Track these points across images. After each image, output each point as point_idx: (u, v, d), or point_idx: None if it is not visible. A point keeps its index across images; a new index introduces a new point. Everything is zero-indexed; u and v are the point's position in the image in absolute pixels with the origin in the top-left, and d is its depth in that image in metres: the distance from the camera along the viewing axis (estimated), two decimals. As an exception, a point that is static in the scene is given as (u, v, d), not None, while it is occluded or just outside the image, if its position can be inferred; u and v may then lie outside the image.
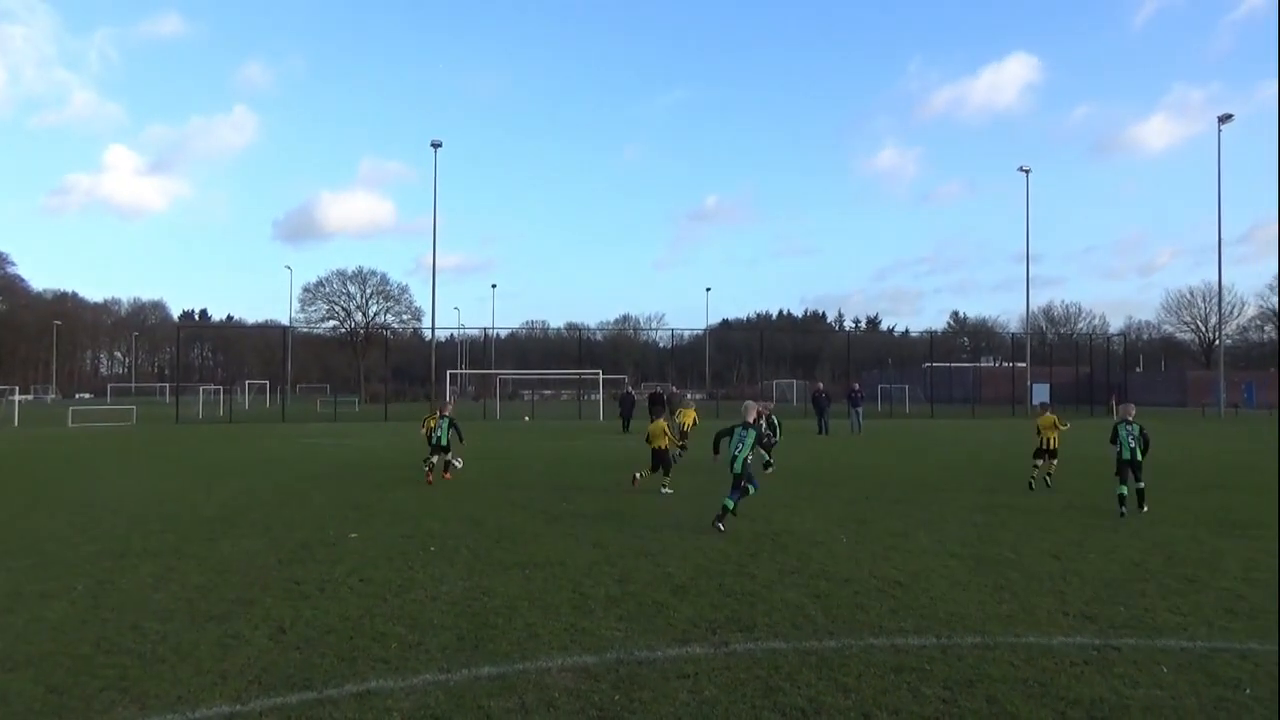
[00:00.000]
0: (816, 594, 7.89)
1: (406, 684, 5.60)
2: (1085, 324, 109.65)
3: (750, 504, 13.60)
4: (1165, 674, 5.75)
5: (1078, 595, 7.90)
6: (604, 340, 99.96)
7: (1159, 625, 6.95)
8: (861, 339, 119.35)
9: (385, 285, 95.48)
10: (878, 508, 13.38)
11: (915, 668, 5.87)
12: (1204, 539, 10.75)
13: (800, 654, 6.18)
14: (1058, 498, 14.56)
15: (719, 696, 5.36)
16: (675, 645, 6.40)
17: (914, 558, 9.56)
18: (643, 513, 12.70)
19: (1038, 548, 10.13)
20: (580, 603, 7.60)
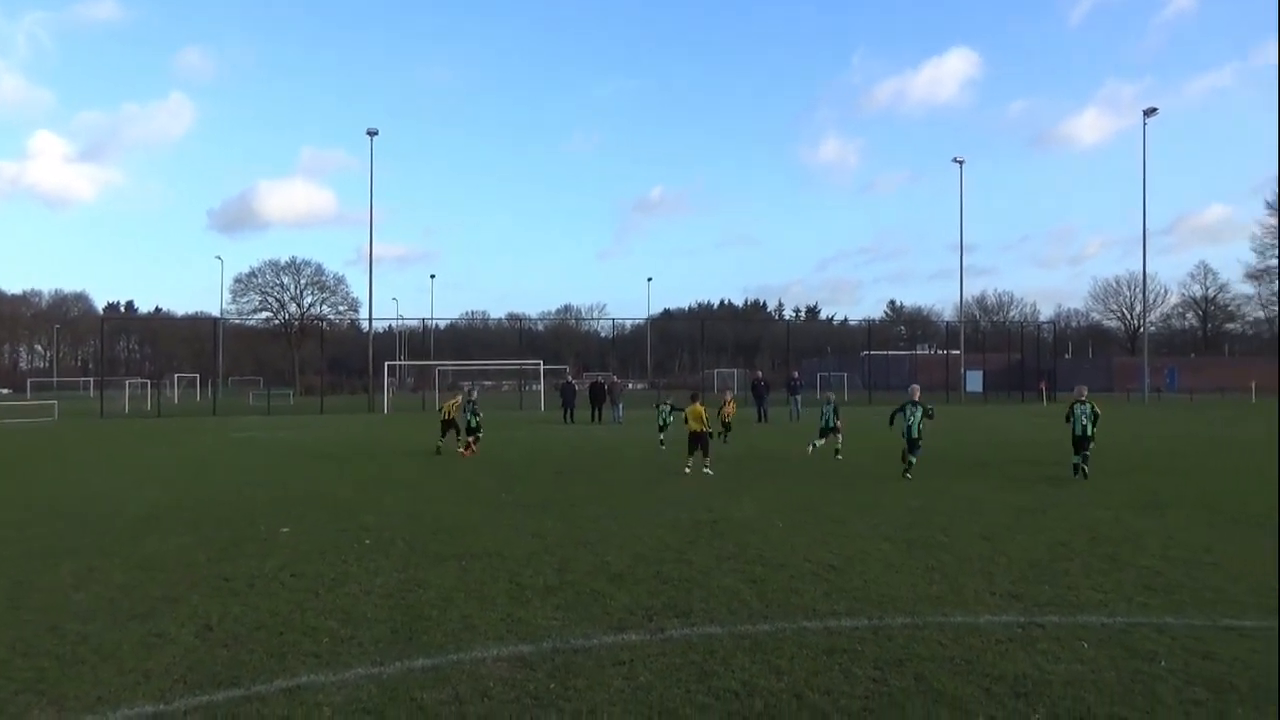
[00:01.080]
0: (752, 579, 7.97)
1: (338, 678, 5.51)
2: (1017, 312, 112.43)
3: (689, 492, 13.71)
4: (1086, 649, 5.94)
5: (1005, 575, 8.10)
6: (545, 331, 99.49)
7: (1081, 603, 7.17)
8: (801, 328, 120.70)
9: (320, 276, 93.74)
10: (815, 493, 13.56)
11: (847, 649, 5.97)
12: (1126, 519, 11.11)
13: (735, 638, 6.23)
14: (988, 481, 14.93)
15: (653, 682, 5.38)
16: (611, 633, 6.41)
17: (849, 542, 9.71)
18: (582, 502, 12.67)
19: (968, 530, 10.37)
20: (517, 593, 7.56)
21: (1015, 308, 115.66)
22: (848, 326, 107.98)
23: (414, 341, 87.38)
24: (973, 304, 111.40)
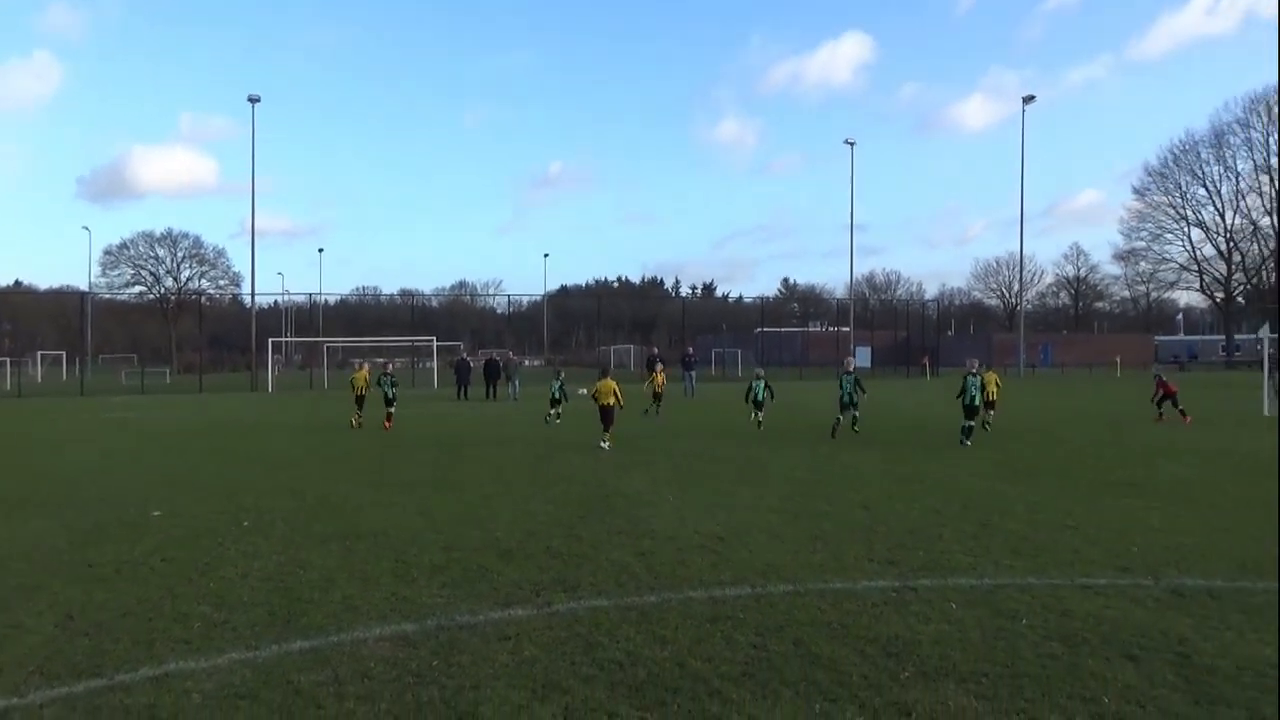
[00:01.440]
0: (641, 552, 8.05)
1: (209, 664, 5.31)
2: (904, 290, 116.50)
3: (581, 468, 13.73)
4: (954, 610, 6.22)
5: (883, 542, 8.40)
6: (440, 307, 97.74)
7: (952, 566, 7.51)
8: (697, 305, 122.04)
9: (199, 248, 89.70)
10: (706, 467, 13.77)
11: (730, 616, 6.10)
12: (998, 487, 11.67)
13: (621, 610, 6.28)
14: (871, 452, 15.45)
15: (539, 655, 5.38)
16: (498, 608, 6.37)
17: (737, 513, 9.90)
18: (473, 479, 12.54)
19: (850, 500, 10.71)
20: (403, 572, 7.43)
21: (902, 286, 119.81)
22: (743, 304, 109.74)
23: (301, 318, 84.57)
24: (862, 282, 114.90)
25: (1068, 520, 9.40)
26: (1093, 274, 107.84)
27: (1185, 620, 5.94)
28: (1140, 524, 9.21)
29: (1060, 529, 8.97)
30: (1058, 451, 15.72)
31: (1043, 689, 4.77)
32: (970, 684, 4.86)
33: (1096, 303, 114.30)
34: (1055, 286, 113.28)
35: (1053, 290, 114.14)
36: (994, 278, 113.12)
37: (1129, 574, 7.19)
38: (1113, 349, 73.42)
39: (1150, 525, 9.15)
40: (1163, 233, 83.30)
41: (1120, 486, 11.66)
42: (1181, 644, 5.46)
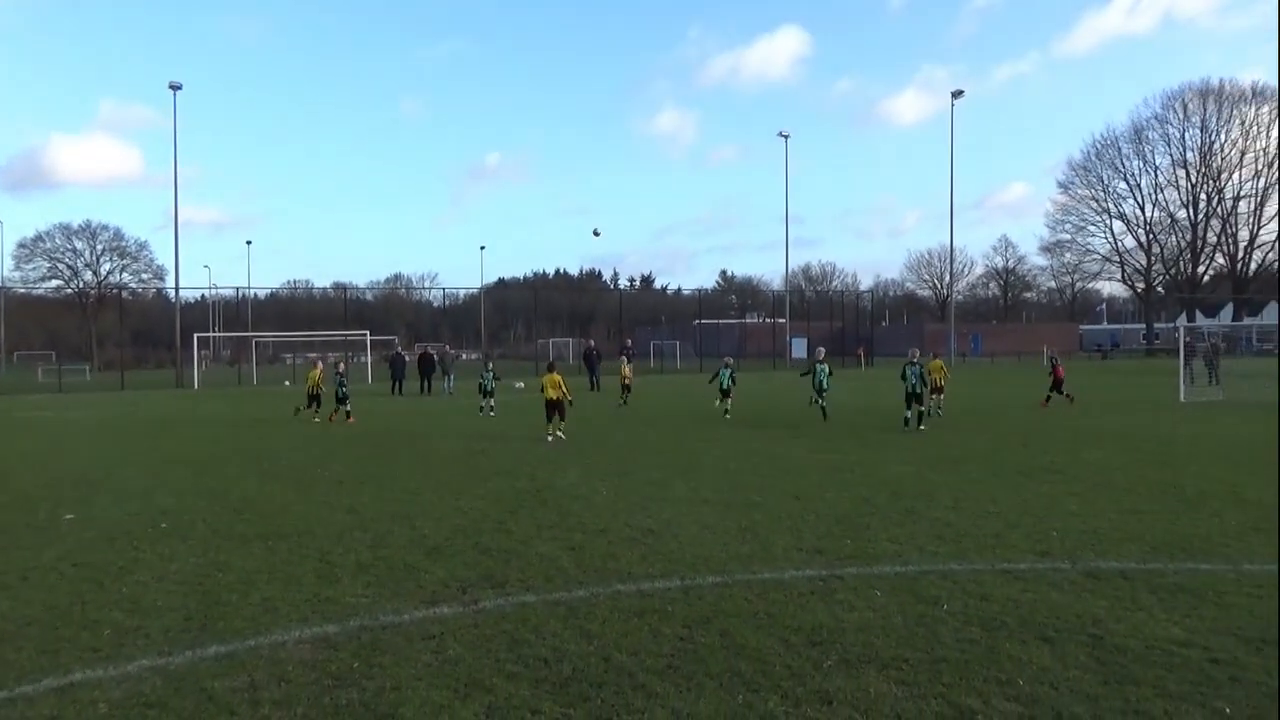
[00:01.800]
0: (572, 546, 8.00)
1: (118, 672, 5.12)
2: (840, 282, 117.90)
3: (515, 462, 13.63)
4: (879, 597, 6.30)
5: (812, 531, 8.49)
6: (374, 300, 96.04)
7: (878, 554, 7.61)
8: (635, 297, 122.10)
9: (120, 241, 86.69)
10: (640, 459, 13.76)
11: (658, 610, 6.09)
12: (925, 474, 11.88)
13: (549, 605, 6.23)
14: (804, 442, 15.61)
15: (463, 654, 5.30)
16: (423, 607, 6.27)
17: (669, 506, 9.91)
18: (404, 476, 12.35)
19: (782, 490, 10.80)
20: (326, 571, 7.27)
21: (838, 277, 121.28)
22: (681, 296, 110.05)
23: (229, 312, 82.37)
24: (799, 274, 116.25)
25: (991, 506, 9.61)
26: (1021, 265, 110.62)
27: (1099, 602, 6.11)
28: (1060, 509, 9.46)
29: (984, 515, 9.16)
30: (985, 439, 16.08)
31: (961, 673, 4.85)
32: (891, 670, 4.92)
33: (1025, 293, 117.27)
34: (985, 277, 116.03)
35: (983, 281, 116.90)
36: (926, 269, 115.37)
37: (1048, 558, 7.38)
38: (1040, 338, 75.42)
39: (1069, 510, 9.40)
40: (1086, 225, 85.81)
41: (1043, 472, 11.96)
42: (1095, 625, 5.61)
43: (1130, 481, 11.16)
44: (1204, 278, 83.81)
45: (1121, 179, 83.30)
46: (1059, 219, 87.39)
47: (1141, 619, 5.73)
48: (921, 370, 17.89)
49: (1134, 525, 8.60)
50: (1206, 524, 8.59)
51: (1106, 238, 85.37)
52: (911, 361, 17.99)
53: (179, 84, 46.93)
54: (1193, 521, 8.73)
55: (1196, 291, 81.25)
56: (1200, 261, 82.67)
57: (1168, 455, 13.52)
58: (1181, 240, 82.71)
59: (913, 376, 17.66)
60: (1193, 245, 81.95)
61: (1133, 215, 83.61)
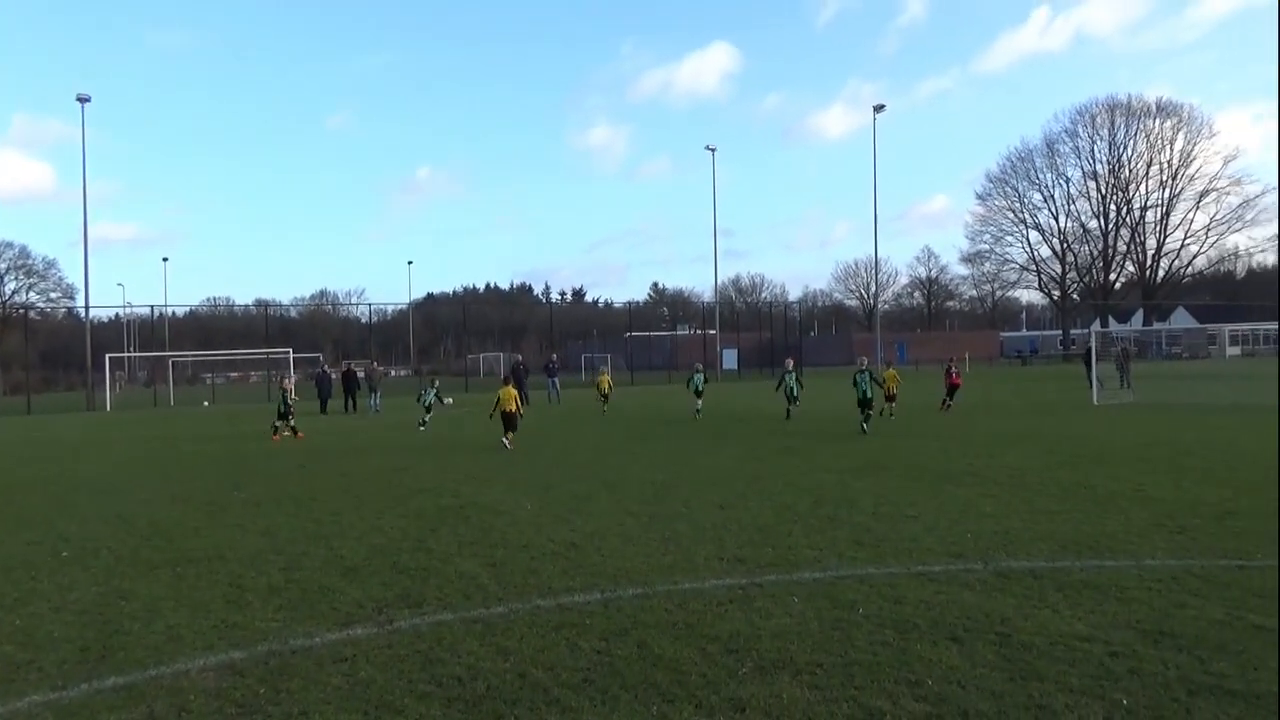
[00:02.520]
0: (492, 562, 7.89)
1: (7, 709, 4.87)
2: (769, 293, 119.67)
3: (438, 478, 13.44)
4: (796, 604, 6.35)
5: (734, 540, 8.53)
6: (299, 317, 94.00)
7: (798, 561, 7.68)
8: (567, 310, 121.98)
9: (26, 259, 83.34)
10: (566, 473, 13.69)
11: (576, 623, 6.04)
12: (847, 481, 12.06)
13: (466, 623, 6.13)
14: (731, 452, 15.72)
15: (375, 676, 5.18)
16: (337, 629, 6.11)
17: (593, 519, 9.86)
18: (323, 496, 12.06)
19: (707, 500, 10.84)
20: (236, 596, 7.04)
21: (767, 289, 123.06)
22: (612, 309, 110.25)
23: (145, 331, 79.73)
24: (729, 286, 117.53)
25: (909, 510, 9.79)
26: (943, 275, 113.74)
27: (1009, 601, 6.25)
28: (975, 511, 9.68)
29: (902, 519, 9.33)
30: (907, 444, 16.40)
31: (872, 675, 4.91)
32: (805, 675, 4.95)
33: (947, 302, 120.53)
34: (910, 287, 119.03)
35: (908, 290, 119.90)
36: (853, 279, 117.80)
37: (961, 559, 7.53)
38: (963, 345, 77.44)
39: (984, 512, 9.63)
40: (1004, 235, 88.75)
41: (961, 476, 12.24)
42: (1003, 624, 5.73)
43: (1043, 483, 11.48)
44: (1115, 285, 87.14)
45: (1036, 190, 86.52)
46: (978, 230, 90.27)
47: (1047, 616, 5.88)
48: (871, 376, 19.14)
49: (1045, 525, 8.85)
50: (1113, 522, 8.88)
51: (1023, 247, 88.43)
52: (862, 369, 19.38)
53: (87, 96, 45.35)
54: (1100, 520, 9.01)
55: (1109, 298, 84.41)
56: (1111, 269, 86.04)
57: (1079, 456, 13.97)
58: (1093, 249, 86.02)
59: (863, 383, 18.91)
60: (1104, 254, 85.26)
61: (1047, 225, 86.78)
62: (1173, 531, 8.38)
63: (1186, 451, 14.17)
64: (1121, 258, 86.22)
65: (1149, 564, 7.20)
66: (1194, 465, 12.61)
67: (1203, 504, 9.70)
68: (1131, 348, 37.36)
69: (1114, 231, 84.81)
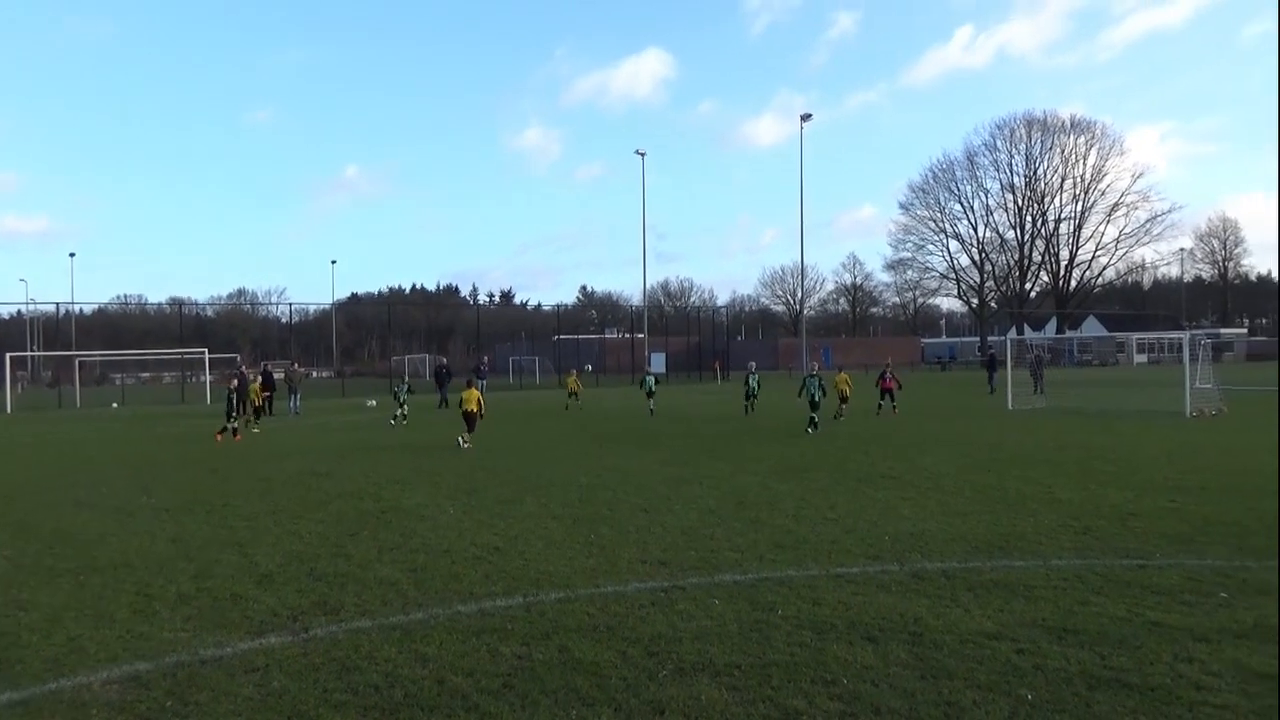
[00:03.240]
0: (413, 568, 7.78)
1: (-111, 728, 4.62)
2: (697, 297, 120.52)
3: (360, 481, 13.19)
4: (717, 606, 6.41)
5: (657, 543, 8.57)
6: (216, 317, 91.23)
7: (720, 563, 7.75)
8: (495, 313, 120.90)
9: (-78, 254, 79.21)
10: (491, 477, 13.57)
11: (497, 628, 5.99)
12: (771, 484, 12.22)
13: (384, 630, 6.03)
14: (656, 455, 15.79)
15: (288, 685, 5.06)
16: (249, 638, 5.95)
17: (517, 523, 9.80)
18: (237, 500, 11.72)
19: (631, 504, 10.86)
20: (143, 605, 6.80)
21: (696, 293, 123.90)
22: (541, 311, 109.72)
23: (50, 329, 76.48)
24: (658, 289, 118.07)
25: (830, 513, 9.96)
26: (868, 282, 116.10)
27: (922, 601, 6.41)
28: (893, 513, 9.91)
29: (823, 522, 9.49)
30: (830, 447, 16.69)
31: (789, 675, 4.99)
32: (724, 677, 5.00)
33: (872, 308, 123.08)
34: (835, 293, 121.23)
35: (833, 296, 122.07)
36: (780, 285, 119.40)
37: (878, 561, 7.70)
38: (885, 351, 79.08)
39: (902, 514, 9.86)
40: (925, 244, 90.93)
41: (880, 479, 12.51)
42: (916, 623, 5.88)
43: (958, 485, 11.81)
44: (1031, 293, 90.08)
45: (956, 201, 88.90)
46: (901, 238, 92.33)
47: (959, 615, 6.05)
48: (820, 381, 20.38)
49: (959, 526, 9.11)
50: (1023, 523, 9.19)
51: (944, 256, 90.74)
52: (811, 374, 20.73)
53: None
54: (1011, 521, 9.31)
55: (1024, 306, 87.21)
56: (1027, 279, 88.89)
57: (994, 460, 14.40)
58: (1010, 259, 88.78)
59: (813, 387, 20.19)
60: (1020, 263, 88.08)
61: (967, 235, 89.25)
62: (1078, 532, 8.71)
63: (1094, 455, 14.73)
64: (1036, 267, 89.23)
65: (1056, 563, 7.46)
66: (1101, 469, 13.12)
67: (1107, 506, 10.10)
68: (1045, 355, 38.64)
69: (1029, 242, 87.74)
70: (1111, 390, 34.40)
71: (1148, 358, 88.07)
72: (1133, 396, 29.12)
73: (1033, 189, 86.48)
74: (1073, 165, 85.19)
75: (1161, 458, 14.22)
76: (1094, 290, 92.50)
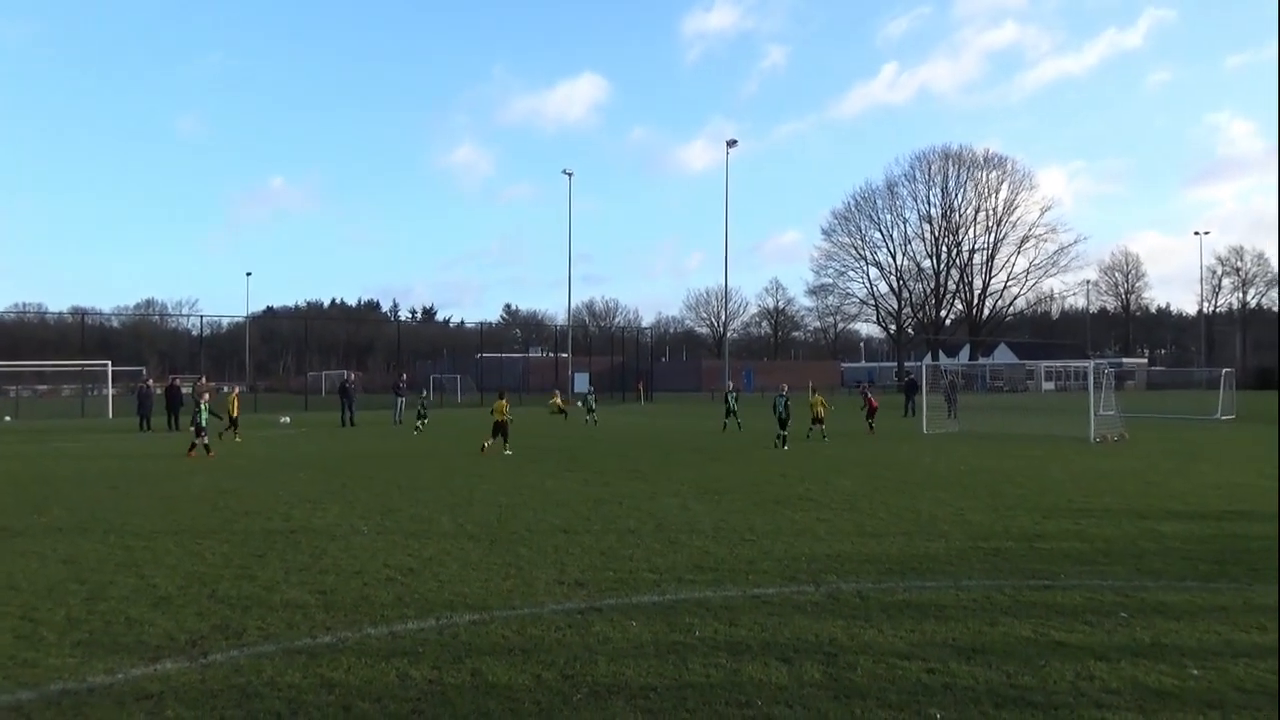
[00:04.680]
0: (321, 590, 7.53)
1: None
2: (622, 318, 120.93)
3: (269, 500, 12.78)
4: (634, 627, 6.36)
5: (576, 564, 8.48)
6: (121, 327, 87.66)
7: (638, 584, 7.70)
8: (416, 330, 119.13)
9: None
10: (407, 495, 13.29)
11: (408, 651, 5.83)
12: (690, 505, 12.23)
13: (289, 654, 5.81)
14: (576, 476, 15.69)
15: (183, 714, 4.82)
16: (143, 664, 5.65)
17: (433, 543, 9.59)
18: (137, 519, 11.22)
19: (550, 524, 10.75)
20: (28, 631, 6.42)
21: (621, 314, 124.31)
22: (464, 329, 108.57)
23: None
24: (583, 309, 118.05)
25: (748, 535, 10.01)
26: (790, 306, 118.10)
27: (837, 622, 6.46)
28: (810, 534, 10.01)
29: (741, 543, 9.52)
30: (750, 470, 16.82)
31: (704, 697, 4.96)
32: (639, 699, 4.95)
33: (793, 332, 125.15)
34: (758, 316, 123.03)
35: (756, 320, 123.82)
36: (704, 307, 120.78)
37: (795, 582, 7.75)
38: (807, 375, 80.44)
39: (818, 535, 9.96)
40: (846, 270, 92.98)
41: (798, 500, 12.64)
42: (831, 644, 5.92)
43: (873, 506, 12.00)
44: (946, 321, 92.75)
45: (877, 229, 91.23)
46: (823, 264, 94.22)
47: (872, 635, 6.12)
48: (787, 401, 22.28)
49: (873, 547, 9.24)
50: (935, 545, 9.37)
51: (864, 283, 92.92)
52: (781, 394, 22.93)
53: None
54: (924, 543, 9.49)
55: (940, 333, 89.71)
56: (942, 306, 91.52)
57: (907, 482, 14.70)
58: (927, 287, 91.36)
59: (780, 406, 22.11)
60: (936, 291, 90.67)
61: (886, 263, 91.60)
62: (988, 553, 8.92)
63: (1004, 479, 15.16)
64: (951, 296, 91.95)
65: (966, 584, 7.62)
66: (1010, 492, 13.50)
67: (1016, 528, 10.38)
68: (959, 381, 39.75)
69: (945, 271, 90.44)
70: (1021, 416, 35.54)
71: (1055, 385, 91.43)
72: (1041, 422, 30.13)
73: (948, 220, 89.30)
74: (986, 198, 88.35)
75: (1067, 481, 14.70)
76: (1005, 319, 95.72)
